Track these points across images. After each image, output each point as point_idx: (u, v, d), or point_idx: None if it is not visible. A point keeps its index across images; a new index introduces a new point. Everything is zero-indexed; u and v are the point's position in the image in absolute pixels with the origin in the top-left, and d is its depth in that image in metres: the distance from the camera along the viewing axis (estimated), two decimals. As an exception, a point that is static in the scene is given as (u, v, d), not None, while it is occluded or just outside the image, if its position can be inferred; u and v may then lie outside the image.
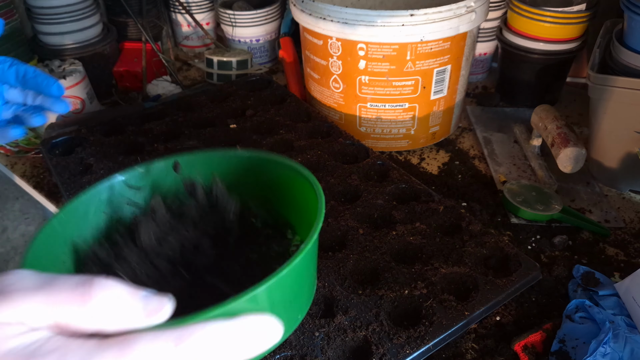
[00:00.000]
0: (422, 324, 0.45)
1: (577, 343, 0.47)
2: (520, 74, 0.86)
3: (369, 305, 0.47)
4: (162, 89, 0.92)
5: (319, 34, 0.71)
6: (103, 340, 0.20)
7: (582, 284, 0.54)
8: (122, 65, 0.95)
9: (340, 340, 0.44)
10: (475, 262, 0.51)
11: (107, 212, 0.39)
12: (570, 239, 0.61)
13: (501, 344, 0.48)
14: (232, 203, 0.40)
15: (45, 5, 0.84)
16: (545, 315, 0.52)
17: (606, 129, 0.66)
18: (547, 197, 0.64)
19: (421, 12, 0.63)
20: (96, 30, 0.91)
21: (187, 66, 1.07)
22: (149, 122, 0.75)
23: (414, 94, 0.71)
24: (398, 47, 0.66)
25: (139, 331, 0.20)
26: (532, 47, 0.82)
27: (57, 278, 0.21)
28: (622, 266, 0.58)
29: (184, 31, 1.10)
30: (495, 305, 0.48)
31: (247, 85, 0.86)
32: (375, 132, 0.76)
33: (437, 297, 0.47)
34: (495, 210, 0.66)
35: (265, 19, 1.02)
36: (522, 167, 0.74)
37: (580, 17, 0.79)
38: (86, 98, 0.84)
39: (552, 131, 0.71)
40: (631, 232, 0.63)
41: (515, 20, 0.83)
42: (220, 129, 0.73)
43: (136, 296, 0.21)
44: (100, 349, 0.19)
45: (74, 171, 0.66)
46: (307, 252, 0.27)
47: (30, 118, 0.48)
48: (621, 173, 0.68)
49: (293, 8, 0.74)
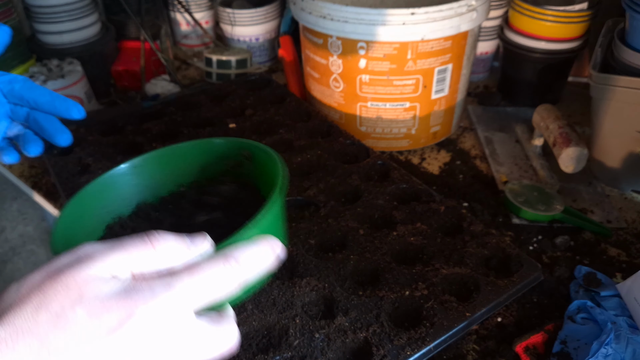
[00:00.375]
0: (423, 325, 0.45)
1: (578, 344, 0.47)
2: (521, 73, 0.86)
3: (370, 307, 0.46)
4: (160, 88, 0.92)
5: (319, 33, 0.70)
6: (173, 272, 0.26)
7: (583, 285, 0.53)
8: (120, 65, 0.94)
9: (340, 341, 0.43)
10: (477, 263, 0.51)
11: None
12: (572, 240, 0.61)
13: (502, 345, 0.48)
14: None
15: (43, 4, 0.84)
16: (547, 316, 0.51)
17: (608, 128, 0.66)
18: (548, 198, 0.64)
19: (422, 11, 0.63)
20: (95, 30, 0.91)
21: (186, 65, 1.07)
22: (148, 122, 0.74)
23: (415, 93, 0.71)
24: (399, 46, 0.66)
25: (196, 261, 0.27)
26: (534, 46, 0.82)
27: (122, 239, 0.26)
28: (624, 267, 0.58)
29: (183, 30, 1.09)
30: (497, 306, 0.47)
31: (246, 84, 0.86)
32: (375, 131, 0.75)
33: (438, 298, 0.47)
34: (496, 210, 0.65)
35: (265, 17, 1.01)
36: (523, 167, 0.74)
37: (582, 16, 0.78)
38: (84, 97, 0.84)
39: (554, 131, 0.70)
40: (633, 233, 0.63)
41: (516, 19, 0.83)
42: (219, 128, 0.73)
43: (183, 237, 0.27)
44: (174, 277, 0.25)
45: (72, 171, 0.65)
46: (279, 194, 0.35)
47: (27, 145, 0.45)
48: (623, 173, 0.68)
49: (293, 7, 0.74)
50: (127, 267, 0.25)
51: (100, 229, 0.42)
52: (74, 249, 0.26)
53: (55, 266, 0.25)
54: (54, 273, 0.24)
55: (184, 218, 0.44)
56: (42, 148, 0.46)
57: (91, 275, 0.24)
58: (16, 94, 0.44)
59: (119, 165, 0.43)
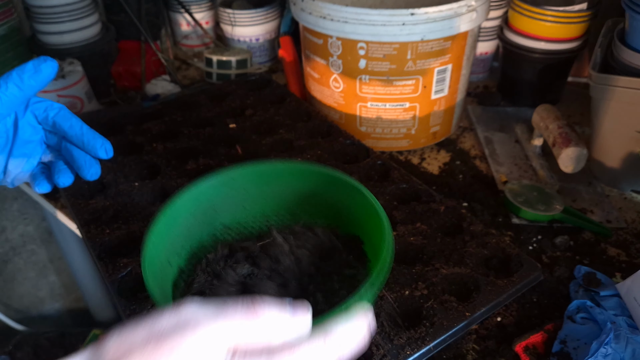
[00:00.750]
0: (422, 324, 0.45)
1: (578, 344, 0.47)
2: (521, 73, 0.86)
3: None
4: (161, 89, 0.92)
5: (319, 33, 0.70)
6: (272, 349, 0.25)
7: (583, 285, 0.53)
8: (120, 65, 0.94)
9: (340, 341, 0.43)
10: (477, 263, 0.51)
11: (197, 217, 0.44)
12: (571, 240, 0.61)
13: (502, 345, 0.48)
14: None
15: (43, 5, 0.84)
16: (547, 316, 0.51)
17: (608, 128, 0.66)
18: (548, 197, 0.64)
19: (422, 11, 0.63)
20: (95, 30, 0.91)
21: (186, 65, 1.07)
22: (148, 122, 0.74)
23: (415, 94, 0.71)
24: (398, 46, 0.66)
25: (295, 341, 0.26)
26: (534, 46, 0.82)
27: (226, 305, 0.25)
28: (623, 267, 0.58)
29: (183, 30, 1.09)
30: (497, 306, 0.47)
31: (246, 84, 0.86)
32: (375, 131, 0.75)
33: (438, 297, 0.47)
34: (496, 210, 0.65)
35: (265, 18, 1.01)
36: (523, 167, 0.74)
37: (581, 16, 0.78)
38: (85, 98, 0.84)
39: (554, 131, 0.70)
40: (633, 233, 0.63)
41: (516, 19, 0.83)
42: (219, 128, 0.73)
43: (286, 306, 0.26)
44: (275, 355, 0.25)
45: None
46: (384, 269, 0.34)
47: (58, 175, 0.44)
48: (623, 173, 0.68)
49: (293, 7, 0.74)
50: (230, 338, 0.24)
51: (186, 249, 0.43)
52: (179, 309, 0.25)
53: (156, 328, 0.24)
54: (157, 337, 0.24)
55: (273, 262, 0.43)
56: (72, 179, 0.45)
57: (194, 347, 0.24)
58: (50, 122, 0.43)
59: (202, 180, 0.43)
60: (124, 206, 0.59)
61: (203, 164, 0.66)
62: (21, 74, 0.37)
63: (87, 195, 0.61)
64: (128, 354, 0.23)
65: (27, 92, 0.38)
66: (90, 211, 0.58)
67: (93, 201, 0.59)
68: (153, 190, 0.62)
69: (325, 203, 0.45)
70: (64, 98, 0.80)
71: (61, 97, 0.80)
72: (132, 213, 0.58)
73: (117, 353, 0.24)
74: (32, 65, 0.38)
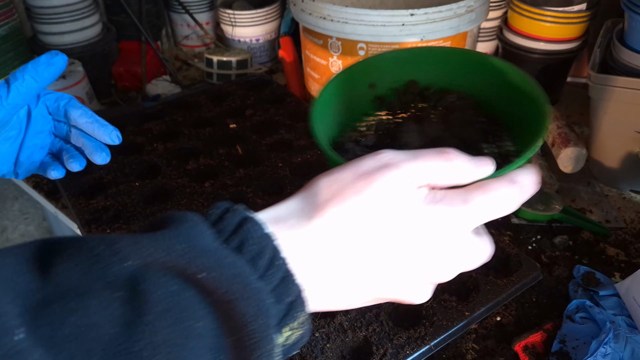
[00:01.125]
0: (422, 324, 0.45)
1: (577, 343, 0.47)
2: (520, 73, 0.86)
3: (369, 306, 0.46)
4: (161, 89, 0.92)
5: (319, 34, 0.70)
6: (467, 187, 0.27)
7: (582, 284, 0.53)
8: (121, 65, 0.94)
9: (340, 340, 0.44)
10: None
11: None
12: (570, 239, 0.61)
13: (502, 345, 0.48)
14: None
15: (44, 5, 0.84)
16: (546, 316, 0.51)
17: (607, 128, 0.66)
18: (547, 197, 0.64)
19: (421, 12, 0.63)
20: (96, 30, 0.91)
21: (187, 66, 1.07)
22: (149, 122, 0.75)
23: (414, 94, 0.71)
24: (398, 47, 0.66)
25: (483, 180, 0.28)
26: (533, 46, 0.82)
27: (420, 151, 0.27)
28: (622, 266, 0.58)
29: (184, 31, 1.09)
30: (496, 306, 0.47)
31: (246, 84, 0.86)
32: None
33: (437, 297, 0.47)
34: (495, 210, 0.65)
35: (265, 18, 1.01)
36: (522, 167, 0.74)
37: (580, 16, 0.79)
38: (85, 98, 0.84)
39: (553, 131, 0.70)
40: (632, 232, 0.63)
41: (515, 19, 0.83)
42: (219, 128, 0.73)
43: (471, 157, 0.28)
44: (469, 191, 0.26)
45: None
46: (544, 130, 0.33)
47: (70, 160, 0.46)
48: (622, 173, 0.68)
49: (293, 7, 0.74)
50: (427, 176, 0.26)
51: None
52: (375, 155, 0.27)
53: (362, 169, 0.26)
54: (365, 175, 0.26)
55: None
56: (85, 163, 0.47)
57: (399, 182, 0.25)
58: (61, 112, 0.45)
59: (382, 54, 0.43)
60: (124, 206, 0.59)
61: (203, 164, 0.66)
62: (36, 66, 0.39)
63: (87, 195, 0.61)
64: (340, 192, 0.25)
65: (41, 84, 0.40)
66: (91, 211, 0.58)
67: (94, 201, 0.60)
68: (153, 190, 0.62)
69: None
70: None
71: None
72: (132, 213, 0.58)
73: (329, 191, 0.25)
74: (46, 59, 0.39)
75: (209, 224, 0.23)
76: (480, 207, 0.26)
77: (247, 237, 0.22)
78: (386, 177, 0.25)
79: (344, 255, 0.24)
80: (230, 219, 0.23)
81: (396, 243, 0.25)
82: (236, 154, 0.68)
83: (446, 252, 0.26)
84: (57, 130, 0.47)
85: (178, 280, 0.20)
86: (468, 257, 0.27)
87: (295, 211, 0.25)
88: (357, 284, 0.25)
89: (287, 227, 0.24)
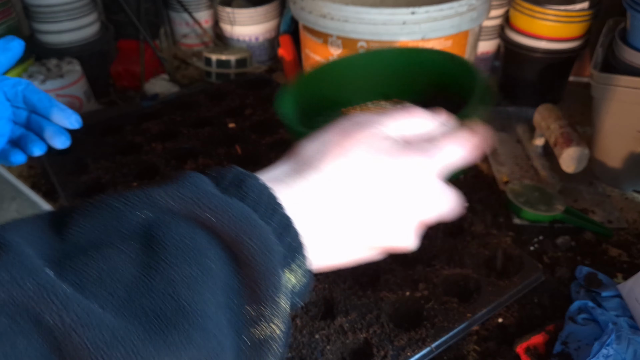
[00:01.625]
0: (423, 325, 0.44)
1: (579, 345, 0.47)
2: (522, 72, 0.86)
3: (370, 307, 0.46)
4: (160, 88, 0.92)
5: (319, 32, 0.70)
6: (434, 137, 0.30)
7: (584, 285, 0.53)
8: (119, 64, 0.94)
9: (340, 342, 0.43)
10: (478, 264, 0.51)
11: None
12: (572, 240, 0.61)
13: (503, 346, 0.48)
14: None
15: (42, 4, 0.83)
16: (548, 317, 0.51)
17: (609, 128, 0.65)
18: (549, 198, 0.64)
19: (422, 10, 0.63)
20: (94, 29, 0.90)
21: (186, 65, 1.06)
22: (147, 122, 0.74)
23: (415, 93, 0.71)
24: (399, 45, 0.66)
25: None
26: (535, 45, 0.82)
27: (388, 110, 0.31)
28: (625, 267, 0.57)
29: (183, 30, 1.09)
30: (498, 307, 0.47)
31: (246, 84, 0.85)
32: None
33: (438, 298, 0.47)
34: (497, 210, 0.65)
35: (265, 17, 1.01)
36: (524, 167, 0.74)
37: (582, 15, 0.78)
38: (83, 97, 0.83)
39: (555, 131, 0.70)
40: (634, 233, 0.62)
41: (517, 18, 0.82)
42: (218, 128, 0.73)
43: (428, 111, 0.31)
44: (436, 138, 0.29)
45: (70, 171, 0.65)
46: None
47: (30, 145, 0.46)
48: (624, 173, 0.68)
49: (293, 6, 0.73)
50: (397, 129, 0.29)
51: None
52: (349, 118, 0.30)
53: (343, 129, 0.29)
54: (346, 134, 0.28)
55: None
56: (45, 148, 0.47)
57: (376, 136, 0.28)
58: (19, 98, 0.45)
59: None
60: (122, 206, 0.59)
61: (202, 164, 0.65)
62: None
63: (86, 196, 0.61)
64: (324, 149, 0.28)
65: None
66: (89, 211, 0.58)
67: (92, 201, 0.59)
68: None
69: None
70: (63, 97, 0.80)
71: (60, 97, 0.79)
72: (131, 213, 0.58)
73: (319, 151, 0.28)
74: (1, 44, 0.39)
75: (211, 177, 0.25)
76: (446, 149, 0.29)
77: (246, 188, 0.24)
78: (367, 132, 0.28)
79: (338, 207, 0.26)
80: (229, 175, 0.25)
81: (382, 188, 0.27)
82: (235, 153, 0.68)
83: (423, 193, 0.28)
84: (16, 117, 0.47)
85: (189, 224, 0.22)
86: (440, 199, 0.29)
87: (289, 171, 0.28)
88: (351, 233, 0.27)
89: (284, 185, 0.26)
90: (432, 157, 0.28)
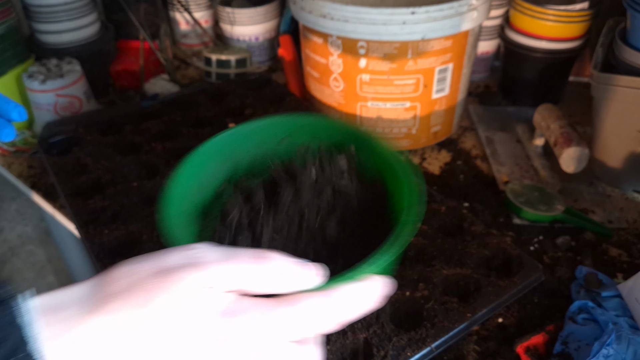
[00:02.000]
0: (423, 325, 0.44)
1: (579, 345, 0.47)
2: (522, 72, 0.86)
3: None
4: (160, 88, 0.92)
5: (319, 32, 0.70)
6: (277, 298, 0.25)
7: (584, 285, 0.53)
8: (119, 64, 0.94)
9: (340, 342, 0.43)
10: (478, 263, 0.51)
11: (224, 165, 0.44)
12: (573, 240, 0.61)
13: (503, 346, 0.48)
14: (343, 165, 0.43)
15: (42, 4, 0.83)
16: (548, 317, 0.51)
17: (609, 128, 0.65)
18: (549, 198, 0.64)
19: (422, 10, 0.63)
20: (94, 29, 0.90)
21: (186, 65, 1.06)
22: (147, 122, 0.74)
23: (415, 93, 0.71)
24: (399, 45, 0.66)
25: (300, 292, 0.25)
26: (535, 45, 0.82)
27: (236, 250, 0.25)
28: (625, 267, 0.57)
29: (182, 29, 1.09)
30: (498, 307, 0.47)
31: (246, 84, 0.85)
32: (376, 131, 0.75)
33: (438, 298, 0.47)
34: (497, 210, 0.65)
35: (265, 17, 1.01)
36: (524, 167, 0.74)
37: (583, 15, 0.78)
38: (83, 97, 0.83)
39: (555, 131, 0.70)
40: (634, 233, 0.62)
41: (517, 18, 0.82)
42: (218, 128, 0.72)
43: (298, 264, 0.26)
44: (277, 302, 0.24)
45: (70, 171, 0.65)
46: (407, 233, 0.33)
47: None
48: (624, 173, 0.68)
49: (292, 6, 0.73)
50: (236, 280, 0.24)
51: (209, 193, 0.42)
52: (187, 247, 0.25)
53: (165, 263, 0.24)
54: (164, 272, 0.24)
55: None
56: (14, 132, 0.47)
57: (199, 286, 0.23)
58: None
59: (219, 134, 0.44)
60: (122, 206, 0.59)
61: (202, 164, 0.65)
62: None
63: (85, 196, 0.61)
64: (133, 286, 0.23)
65: None
66: (89, 211, 0.58)
67: (91, 201, 0.59)
68: (152, 190, 0.62)
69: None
70: (63, 97, 0.80)
71: (60, 97, 0.79)
72: (130, 213, 0.58)
73: (123, 283, 0.23)
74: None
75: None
76: (286, 321, 0.24)
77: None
78: (187, 278, 0.23)
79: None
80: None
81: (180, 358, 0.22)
82: (235, 153, 0.68)
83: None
84: None
85: None
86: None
87: (80, 299, 0.23)
88: None
89: (61, 319, 0.22)
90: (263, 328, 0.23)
